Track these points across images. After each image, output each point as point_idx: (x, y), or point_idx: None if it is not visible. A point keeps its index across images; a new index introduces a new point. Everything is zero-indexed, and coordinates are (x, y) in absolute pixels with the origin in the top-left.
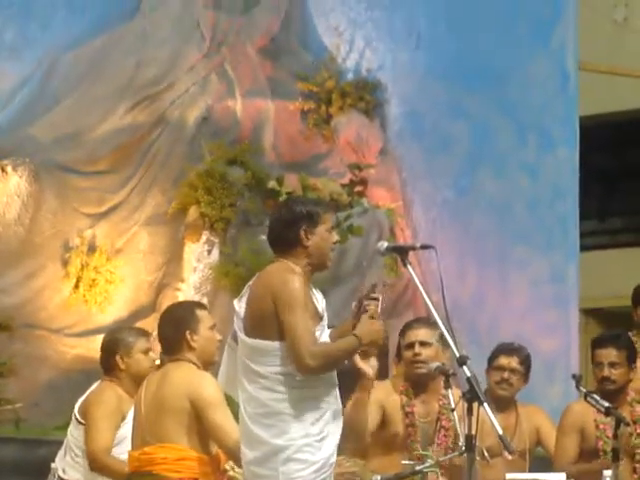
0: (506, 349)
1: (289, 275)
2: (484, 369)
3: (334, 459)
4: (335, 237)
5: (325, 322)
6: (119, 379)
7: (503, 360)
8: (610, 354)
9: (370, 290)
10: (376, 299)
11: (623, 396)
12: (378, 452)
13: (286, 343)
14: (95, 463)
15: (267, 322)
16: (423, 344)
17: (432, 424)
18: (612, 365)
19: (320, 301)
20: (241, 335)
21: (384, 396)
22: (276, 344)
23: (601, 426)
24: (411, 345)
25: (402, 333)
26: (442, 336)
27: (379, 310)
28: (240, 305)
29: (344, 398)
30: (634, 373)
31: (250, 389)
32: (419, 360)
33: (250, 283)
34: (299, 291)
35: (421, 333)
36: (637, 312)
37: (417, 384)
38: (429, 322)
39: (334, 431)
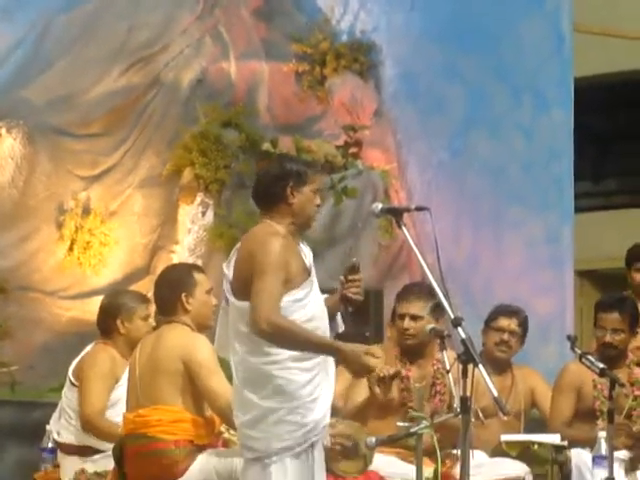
0: (506, 311)
1: (269, 237)
2: (479, 330)
3: (327, 421)
4: (319, 201)
5: (314, 277)
6: (115, 342)
7: (503, 322)
8: (614, 319)
9: (350, 271)
10: (357, 280)
11: (622, 359)
12: (373, 416)
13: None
14: (88, 425)
15: (250, 284)
16: (414, 318)
17: (427, 388)
18: (615, 331)
19: (308, 255)
20: (230, 298)
21: (379, 361)
22: None
23: (599, 386)
24: (402, 317)
25: (397, 299)
26: (436, 307)
27: (361, 291)
28: (228, 268)
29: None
30: (635, 338)
31: (241, 351)
32: (407, 334)
33: (237, 246)
34: (276, 254)
35: (413, 306)
36: (631, 274)
37: (407, 352)
38: (424, 292)
39: (326, 394)
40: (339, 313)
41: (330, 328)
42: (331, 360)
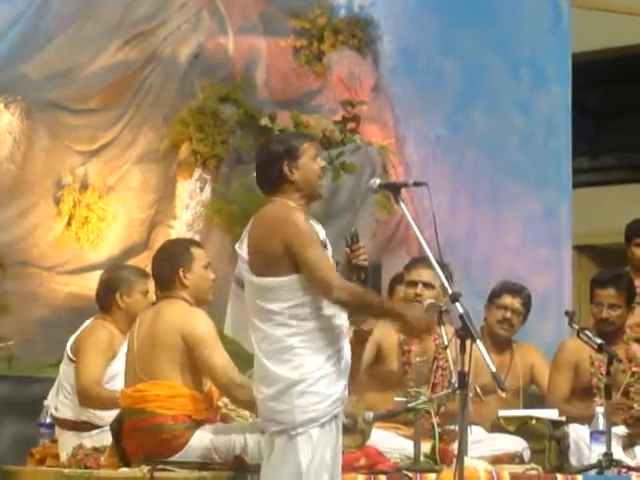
0: (511, 289)
1: (292, 212)
2: (477, 305)
3: (346, 393)
4: (321, 163)
5: (330, 251)
6: (113, 317)
7: (507, 299)
8: (610, 295)
9: (353, 240)
10: (362, 247)
11: (619, 335)
12: (372, 389)
13: (308, 276)
14: (84, 394)
15: (277, 260)
16: (426, 285)
17: (427, 363)
18: (611, 307)
19: (320, 231)
20: (250, 277)
21: (381, 333)
22: (286, 279)
23: (596, 363)
24: (414, 284)
25: (407, 268)
26: (448, 277)
27: (366, 257)
28: (242, 249)
29: None
30: (632, 313)
31: (264, 327)
32: (420, 300)
33: (248, 227)
34: (306, 226)
35: (426, 274)
36: (630, 249)
37: None
38: (438, 262)
39: (345, 364)
40: None
41: None
42: (345, 330)
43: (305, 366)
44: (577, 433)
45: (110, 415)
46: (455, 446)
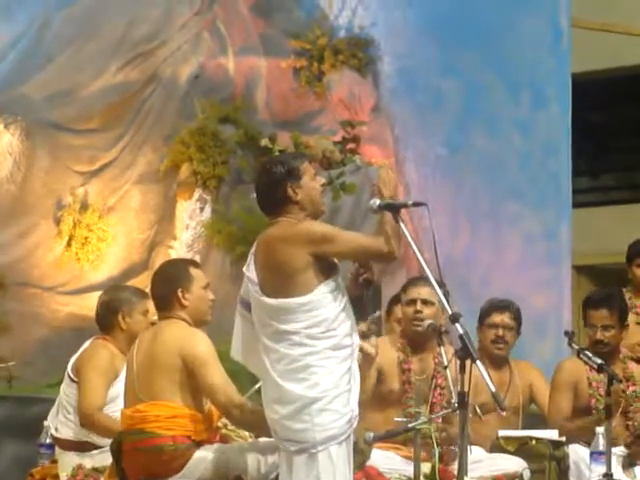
0: (498, 306)
1: (306, 223)
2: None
3: (357, 411)
4: (321, 180)
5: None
6: (114, 337)
7: (497, 317)
8: (603, 316)
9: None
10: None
11: (616, 354)
12: (373, 408)
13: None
14: (86, 420)
15: (295, 278)
16: (425, 302)
17: (427, 382)
18: (605, 328)
19: None
20: (262, 298)
21: (381, 353)
22: (302, 300)
23: (594, 384)
24: (413, 302)
25: (404, 289)
26: (444, 296)
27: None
28: (250, 271)
29: None
30: (626, 331)
31: (279, 348)
32: (419, 318)
33: (254, 250)
34: (323, 225)
35: (424, 291)
36: (632, 269)
37: (414, 341)
38: (437, 281)
39: (356, 382)
40: None
41: None
42: (357, 348)
43: (321, 384)
44: (577, 453)
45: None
46: (455, 466)
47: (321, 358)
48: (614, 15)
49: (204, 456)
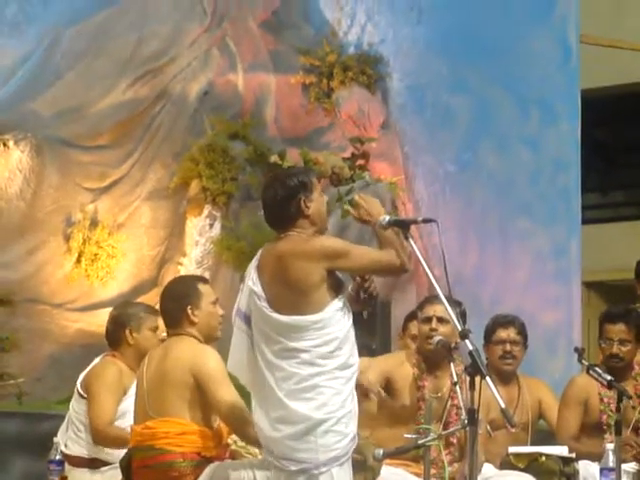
0: (502, 322)
1: (317, 238)
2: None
3: (356, 431)
4: (325, 198)
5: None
6: (123, 354)
7: (502, 333)
8: (620, 331)
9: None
10: (370, 278)
11: (628, 371)
12: (384, 424)
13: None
14: (98, 436)
15: (304, 297)
16: (441, 320)
17: (441, 401)
18: (621, 342)
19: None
20: (271, 314)
21: (395, 367)
22: (315, 317)
23: (605, 400)
24: (429, 319)
25: (421, 306)
26: (459, 316)
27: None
28: (257, 286)
29: None
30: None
31: (285, 365)
32: (433, 336)
33: (258, 264)
34: (332, 239)
35: (440, 309)
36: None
37: (428, 359)
38: (449, 299)
39: (356, 403)
40: None
41: None
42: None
43: (328, 405)
44: (587, 470)
45: (120, 452)
46: None
47: (329, 378)
48: (623, 31)
49: (214, 472)
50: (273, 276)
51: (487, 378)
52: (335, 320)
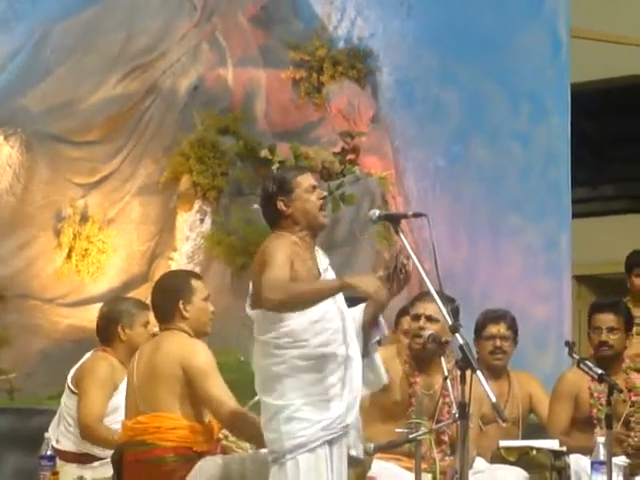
0: (492, 317)
1: (274, 240)
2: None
3: (348, 421)
4: (321, 194)
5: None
6: (115, 349)
7: (492, 329)
8: (609, 319)
9: (396, 259)
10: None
11: (618, 364)
12: (375, 419)
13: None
14: (87, 431)
15: (259, 293)
16: (430, 319)
17: (433, 398)
18: (610, 330)
19: (323, 261)
20: (247, 309)
21: (386, 361)
22: (268, 312)
23: (595, 394)
24: (418, 317)
25: (412, 303)
26: (454, 311)
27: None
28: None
29: None
30: (630, 340)
31: (256, 359)
32: (420, 335)
33: None
34: (278, 250)
35: (430, 307)
36: (631, 279)
37: (419, 356)
38: (441, 294)
39: (346, 395)
40: (381, 317)
41: (376, 332)
42: (356, 365)
43: (287, 394)
44: (578, 464)
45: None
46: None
47: (287, 367)
48: (613, 25)
49: (205, 467)
50: (251, 272)
51: (478, 372)
52: (292, 314)
